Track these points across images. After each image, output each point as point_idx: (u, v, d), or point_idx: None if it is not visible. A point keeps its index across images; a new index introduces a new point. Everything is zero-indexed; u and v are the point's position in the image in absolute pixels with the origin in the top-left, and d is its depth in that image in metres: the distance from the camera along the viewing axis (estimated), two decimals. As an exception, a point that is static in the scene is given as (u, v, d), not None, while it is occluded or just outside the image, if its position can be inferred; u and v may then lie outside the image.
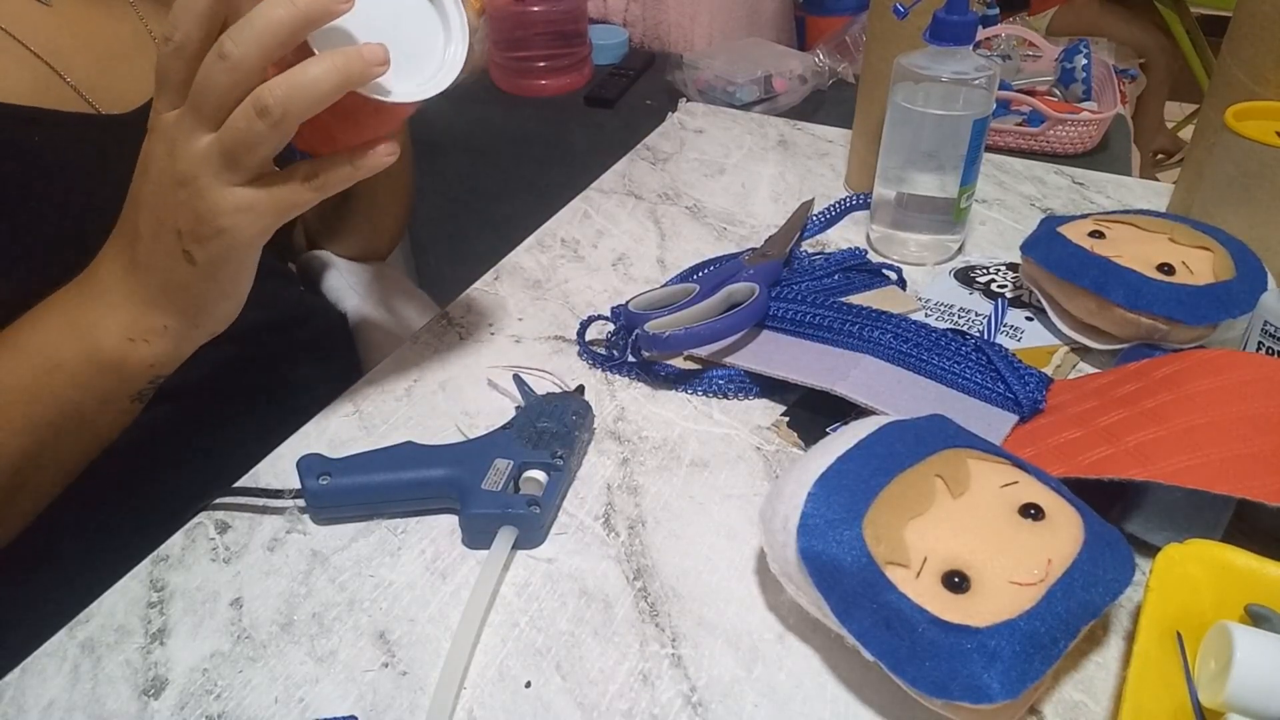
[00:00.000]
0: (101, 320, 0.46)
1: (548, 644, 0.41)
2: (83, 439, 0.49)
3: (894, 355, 0.55)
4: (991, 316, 0.62)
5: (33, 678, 0.40)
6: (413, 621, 0.42)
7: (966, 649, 0.35)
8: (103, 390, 0.47)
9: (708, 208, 0.78)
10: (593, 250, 0.72)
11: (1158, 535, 0.44)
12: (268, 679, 0.40)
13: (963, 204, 0.67)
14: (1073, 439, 0.47)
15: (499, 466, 0.47)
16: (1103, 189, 0.80)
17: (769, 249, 0.66)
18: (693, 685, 0.40)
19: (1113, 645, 0.41)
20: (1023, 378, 0.52)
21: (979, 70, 0.62)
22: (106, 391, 0.48)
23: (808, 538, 0.38)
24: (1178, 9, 2.04)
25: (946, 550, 0.38)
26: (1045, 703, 0.39)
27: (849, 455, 0.41)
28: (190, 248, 0.43)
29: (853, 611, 0.37)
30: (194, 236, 0.43)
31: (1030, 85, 1.27)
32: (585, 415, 0.51)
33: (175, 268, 0.44)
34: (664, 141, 0.90)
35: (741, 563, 0.45)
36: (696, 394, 0.56)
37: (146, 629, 0.42)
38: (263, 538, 0.47)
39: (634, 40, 1.51)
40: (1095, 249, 0.58)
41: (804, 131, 0.92)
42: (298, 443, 0.53)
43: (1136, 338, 0.56)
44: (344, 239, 0.79)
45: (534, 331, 0.62)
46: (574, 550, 0.46)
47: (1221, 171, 0.62)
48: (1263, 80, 0.64)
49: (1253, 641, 0.34)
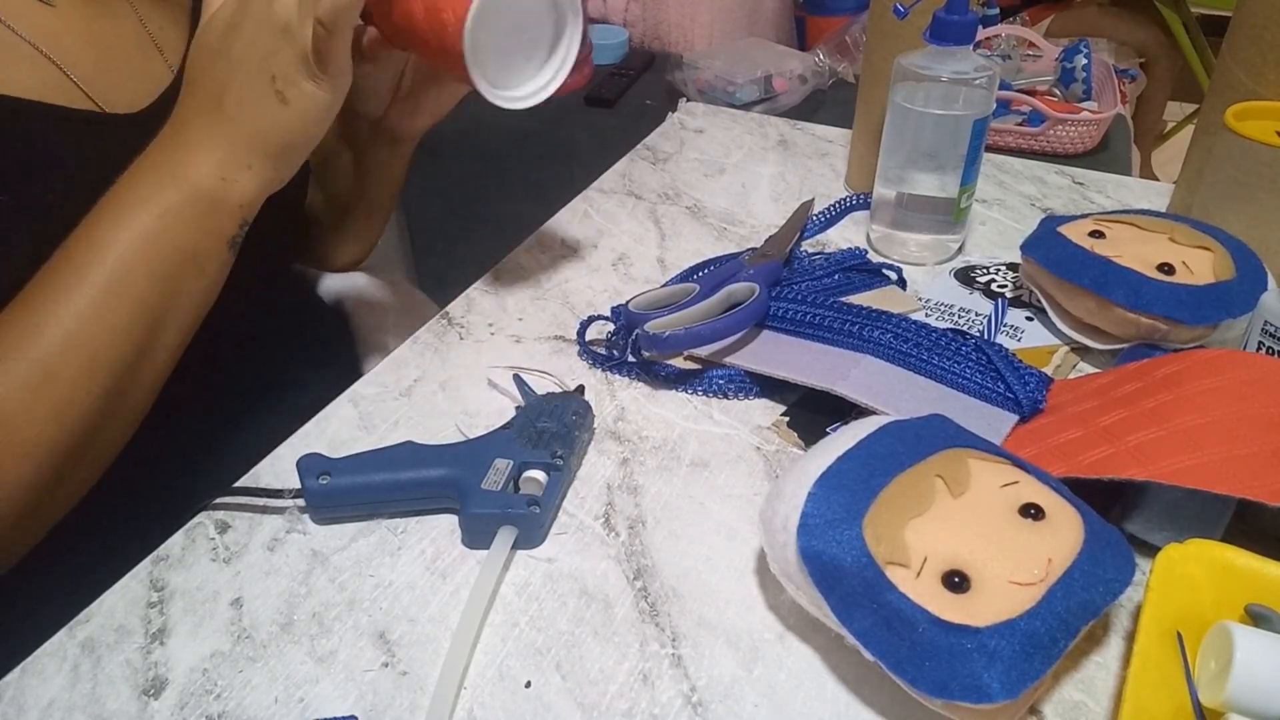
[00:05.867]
0: (194, 162, 0.49)
1: (548, 644, 0.41)
2: (199, 287, 0.52)
3: (894, 355, 0.55)
4: (991, 316, 0.62)
5: (33, 678, 0.40)
6: (413, 621, 0.42)
7: (966, 649, 0.35)
8: (208, 230, 0.51)
9: (708, 208, 0.78)
10: (593, 250, 0.72)
11: (1158, 535, 0.44)
12: (268, 679, 0.40)
13: (963, 204, 0.67)
14: (1073, 439, 0.47)
15: (499, 466, 0.47)
16: (1103, 189, 0.80)
17: (769, 249, 0.66)
18: (693, 685, 0.40)
19: (1113, 645, 0.41)
20: (1023, 378, 0.52)
21: (979, 70, 0.62)
22: (212, 231, 0.51)
23: (808, 538, 0.38)
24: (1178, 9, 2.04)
25: (947, 550, 0.38)
26: (1045, 703, 0.39)
27: (849, 455, 0.41)
28: (284, 88, 0.49)
29: (853, 611, 0.37)
30: (287, 79, 0.49)
31: (1030, 85, 1.27)
32: (585, 415, 0.51)
33: (267, 110, 0.49)
34: (664, 141, 0.90)
35: (741, 563, 0.45)
36: (696, 394, 0.56)
37: (146, 629, 0.42)
38: (263, 538, 0.47)
39: (634, 40, 1.51)
40: (1095, 249, 0.58)
41: (804, 131, 0.92)
42: (298, 443, 0.53)
43: (1136, 338, 0.56)
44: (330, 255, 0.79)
45: (534, 331, 0.62)
46: (574, 550, 0.46)
47: (1221, 171, 0.62)
48: (1263, 80, 0.64)
49: (1253, 641, 0.34)
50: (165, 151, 0.50)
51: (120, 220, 0.48)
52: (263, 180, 0.52)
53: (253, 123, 0.50)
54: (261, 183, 0.52)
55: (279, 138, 0.51)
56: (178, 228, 0.49)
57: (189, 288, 0.51)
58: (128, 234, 0.48)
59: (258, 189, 0.52)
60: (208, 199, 0.50)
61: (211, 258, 0.51)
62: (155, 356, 0.51)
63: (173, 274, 0.50)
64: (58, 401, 0.46)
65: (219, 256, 0.52)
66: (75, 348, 0.47)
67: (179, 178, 0.49)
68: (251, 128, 0.50)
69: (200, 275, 0.51)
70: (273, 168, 0.52)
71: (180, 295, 0.50)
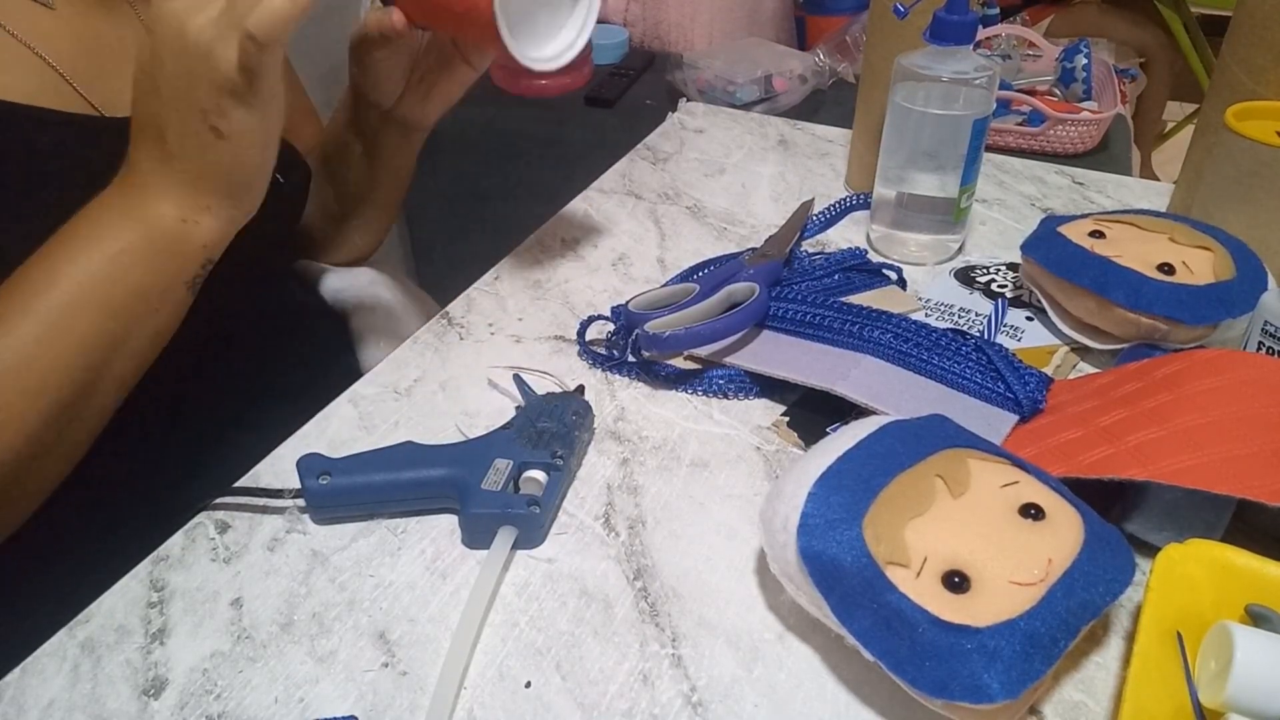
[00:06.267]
0: (154, 206, 0.48)
1: (548, 644, 0.41)
2: (151, 327, 0.50)
3: (894, 355, 0.55)
4: (991, 316, 0.62)
5: (33, 678, 0.40)
6: (413, 621, 0.42)
7: (966, 649, 0.35)
8: (165, 272, 0.49)
9: (708, 208, 0.78)
10: (593, 250, 0.72)
11: (1158, 535, 0.44)
12: (268, 679, 0.40)
13: (963, 204, 0.67)
14: (1073, 439, 0.47)
15: (499, 466, 0.47)
16: (1103, 189, 0.80)
17: (769, 249, 0.66)
18: (693, 685, 0.40)
19: (1113, 645, 0.41)
20: (1023, 378, 0.52)
21: (979, 70, 0.62)
22: (169, 273, 0.49)
23: (808, 538, 0.38)
24: (1178, 9, 2.04)
25: (947, 550, 0.38)
26: (1045, 703, 0.39)
27: (849, 455, 0.41)
28: (216, 122, 0.47)
29: (853, 611, 0.37)
30: (217, 110, 0.46)
31: (1030, 85, 1.27)
32: (585, 415, 0.51)
33: (207, 147, 0.47)
34: (664, 141, 0.90)
35: (741, 563, 0.45)
36: (696, 394, 0.56)
37: (146, 629, 0.42)
38: (263, 538, 0.47)
39: (634, 40, 1.51)
40: (1095, 249, 0.58)
41: (804, 131, 0.92)
42: (298, 443, 0.53)
43: (1136, 338, 0.56)
44: (340, 248, 0.79)
45: (534, 331, 0.62)
46: (574, 550, 0.46)
47: (1221, 171, 0.62)
48: (1263, 80, 0.64)
49: (1253, 641, 0.34)
50: (122, 196, 0.49)
51: (73, 255, 0.47)
52: (224, 219, 0.50)
53: (198, 161, 0.48)
54: (223, 222, 0.50)
55: (227, 174, 0.49)
56: (134, 268, 0.48)
57: (142, 327, 0.50)
58: (80, 270, 0.47)
59: (220, 229, 0.50)
60: (169, 240, 0.49)
61: (167, 298, 0.50)
62: (100, 393, 0.49)
63: (125, 312, 0.48)
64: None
65: (175, 296, 0.50)
66: (10, 379, 0.45)
67: (137, 219, 0.48)
68: (199, 167, 0.48)
69: (154, 315, 0.50)
70: (232, 205, 0.50)
71: (131, 334, 0.49)
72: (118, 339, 0.48)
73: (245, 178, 0.50)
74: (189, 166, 0.48)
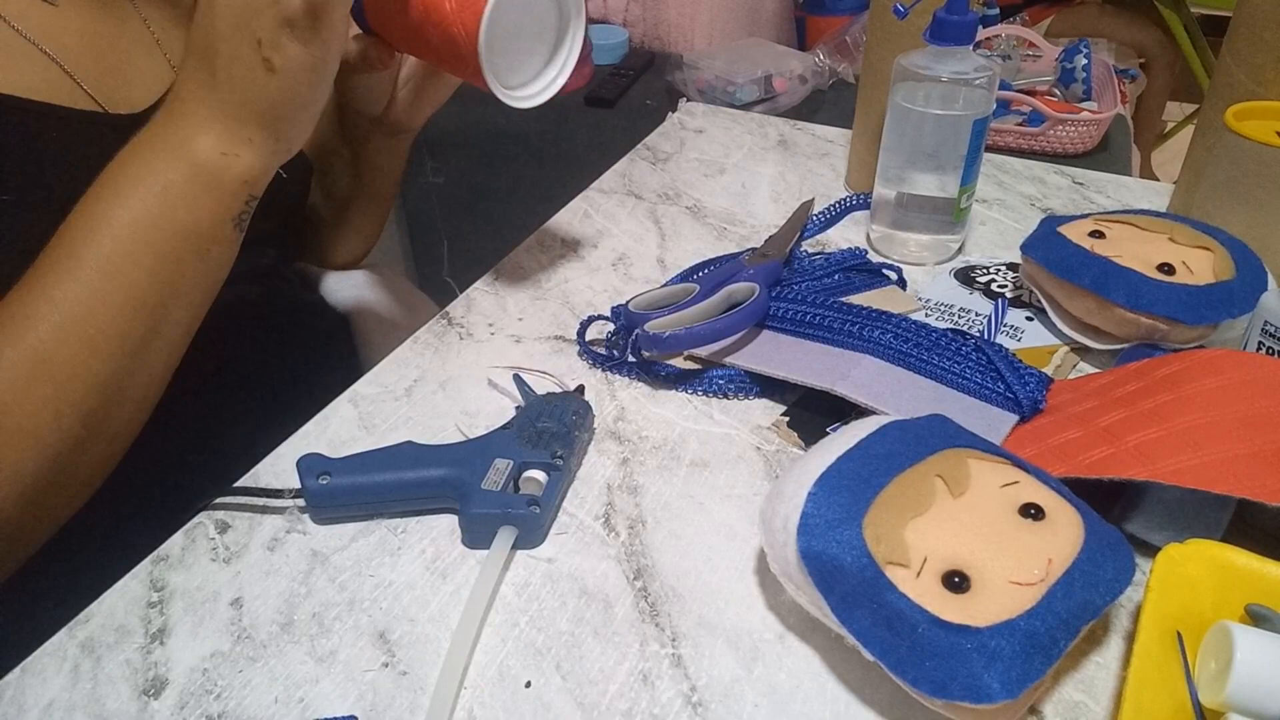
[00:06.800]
0: (194, 137, 0.47)
1: (548, 644, 0.41)
2: (204, 268, 0.49)
3: (894, 355, 0.55)
4: (991, 316, 0.62)
5: (33, 678, 0.40)
6: (413, 621, 0.42)
7: (966, 649, 0.35)
8: (209, 209, 0.48)
9: (708, 208, 0.78)
10: (593, 250, 0.72)
11: (1158, 535, 0.44)
12: (268, 679, 0.40)
13: (963, 204, 0.67)
14: (1073, 439, 0.47)
15: (499, 466, 0.47)
16: (1103, 189, 0.80)
17: (769, 249, 0.66)
18: (693, 685, 0.40)
19: (1113, 645, 0.41)
20: (1023, 378, 0.52)
21: (979, 70, 0.62)
22: (213, 211, 0.48)
23: (808, 538, 0.38)
24: (1178, 9, 2.04)
25: (947, 550, 0.38)
26: (1045, 703, 0.39)
27: (849, 455, 0.41)
28: (270, 54, 0.46)
29: (853, 611, 0.37)
30: (272, 44, 0.45)
31: (1030, 85, 1.27)
32: (585, 415, 0.51)
33: (255, 78, 0.46)
34: (664, 141, 0.90)
35: (741, 563, 0.45)
36: (696, 394, 0.56)
37: (146, 629, 0.42)
38: (263, 538, 0.47)
39: (634, 40, 1.51)
40: (1095, 249, 0.58)
41: (804, 131, 0.92)
42: (298, 443, 0.53)
43: (1136, 338, 0.56)
44: (333, 251, 0.79)
45: (534, 331, 0.62)
46: (574, 550, 0.46)
47: (1221, 171, 0.62)
48: (1263, 80, 0.64)
49: (1253, 641, 0.34)
50: (164, 126, 0.48)
51: (118, 198, 0.46)
52: (266, 154, 0.49)
53: (243, 92, 0.47)
54: (265, 156, 0.49)
55: (271, 108, 0.48)
56: (179, 206, 0.47)
57: (193, 269, 0.49)
58: (126, 213, 0.46)
59: (262, 164, 0.49)
60: (210, 175, 0.48)
61: (215, 237, 0.49)
62: (160, 342, 0.49)
63: (175, 254, 0.47)
64: (55, 387, 0.45)
65: (224, 235, 0.49)
66: (71, 332, 0.45)
67: (179, 154, 0.47)
68: (243, 97, 0.47)
69: (204, 255, 0.49)
70: (274, 139, 0.49)
71: (184, 277, 0.48)
72: (171, 284, 0.48)
73: (290, 113, 0.49)
74: (232, 97, 0.47)
